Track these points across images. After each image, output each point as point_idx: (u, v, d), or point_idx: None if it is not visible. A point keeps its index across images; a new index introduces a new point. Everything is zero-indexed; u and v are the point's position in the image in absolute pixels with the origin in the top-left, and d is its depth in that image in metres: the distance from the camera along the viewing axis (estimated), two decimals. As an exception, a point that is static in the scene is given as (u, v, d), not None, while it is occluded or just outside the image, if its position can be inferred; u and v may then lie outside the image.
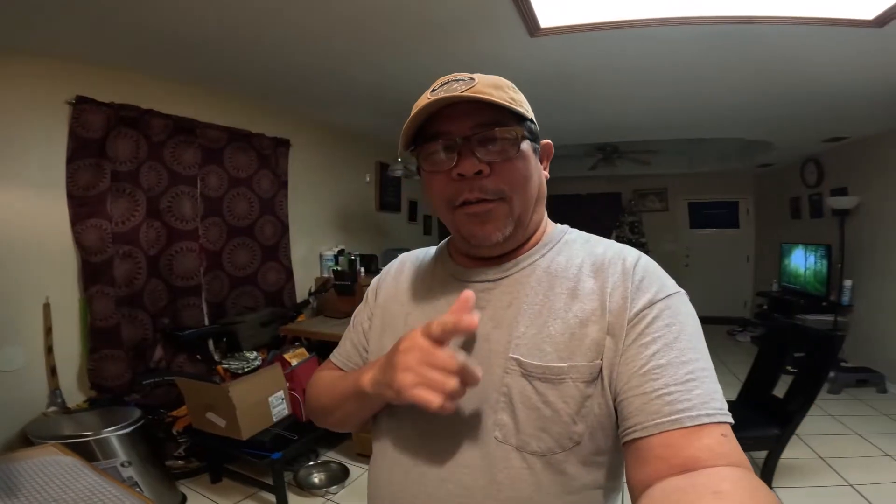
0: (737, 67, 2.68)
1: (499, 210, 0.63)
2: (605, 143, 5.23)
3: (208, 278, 3.09)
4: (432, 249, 0.81)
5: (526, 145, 0.63)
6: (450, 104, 0.61)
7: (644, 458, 0.51)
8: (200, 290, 3.00)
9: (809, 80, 2.83)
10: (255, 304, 3.38)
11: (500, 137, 0.61)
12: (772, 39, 2.30)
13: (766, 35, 2.25)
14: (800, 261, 5.09)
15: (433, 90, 0.63)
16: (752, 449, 2.47)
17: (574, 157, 5.75)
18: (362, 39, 2.34)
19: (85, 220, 2.42)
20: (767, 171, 6.18)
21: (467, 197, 0.62)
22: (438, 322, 0.55)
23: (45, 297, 2.31)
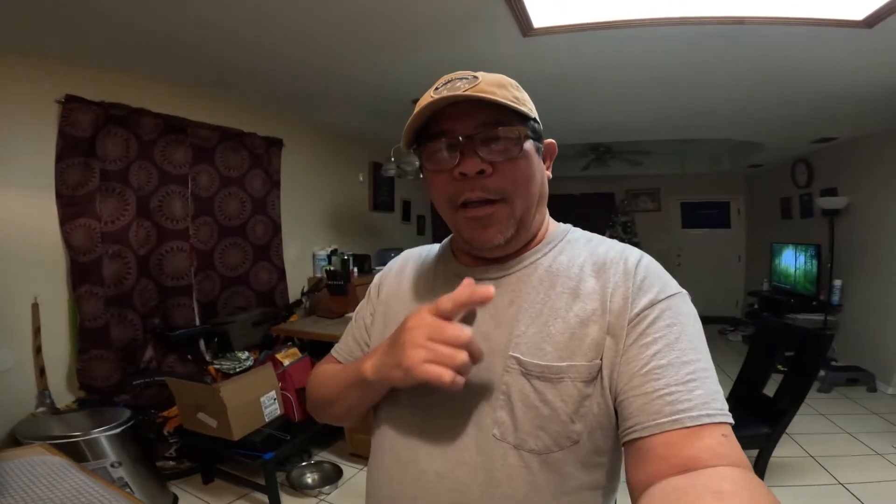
0: (727, 68, 2.70)
1: (500, 212, 0.63)
2: (597, 144, 5.25)
3: (199, 278, 3.07)
4: (435, 247, 0.81)
5: (529, 145, 0.63)
6: (453, 103, 0.60)
7: (644, 457, 0.51)
8: (191, 289, 2.98)
9: (799, 80, 2.85)
10: (247, 304, 3.36)
11: (503, 137, 0.60)
12: (762, 40, 2.32)
13: (757, 36, 2.27)
14: (790, 261, 5.13)
15: (436, 88, 0.62)
16: (743, 448, 2.48)
17: (567, 157, 5.78)
18: (356, 38, 2.34)
19: (74, 220, 2.40)
20: (758, 172, 6.23)
21: (469, 196, 0.62)
22: (448, 297, 0.55)
23: (34, 297, 2.29)
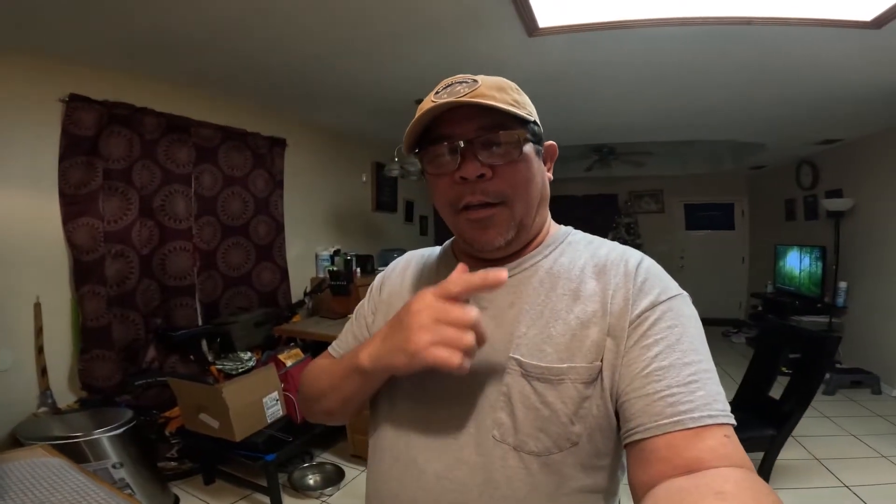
0: (731, 69, 2.68)
1: (500, 215, 0.63)
2: (601, 145, 5.24)
3: (202, 278, 3.07)
4: (437, 249, 0.81)
5: (528, 148, 0.64)
6: (454, 107, 0.61)
7: (647, 459, 0.51)
8: (194, 289, 2.97)
9: (805, 81, 2.84)
10: (250, 305, 3.35)
11: (503, 141, 0.61)
12: (768, 41, 2.30)
13: (763, 36, 2.25)
14: (794, 262, 5.10)
15: (437, 92, 0.63)
16: (748, 450, 2.45)
17: (570, 158, 5.76)
18: (360, 38, 2.33)
19: (76, 219, 2.40)
20: (762, 173, 6.21)
21: (469, 200, 0.62)
22: (457, 279, 0.54)
23: (36, 296, 2.28)
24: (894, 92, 2.91)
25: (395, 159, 3.64)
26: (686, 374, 0.53)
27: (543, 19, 2.15)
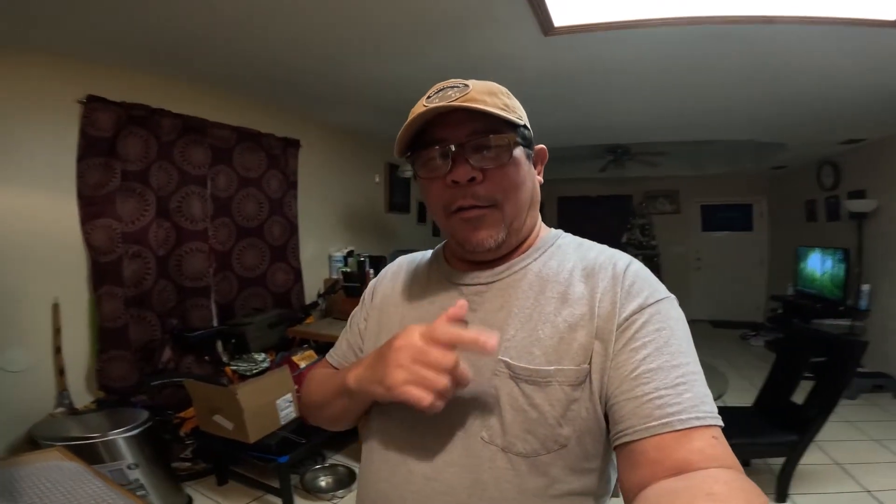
0: (753, 68, 2.63)
1: (491, 216, 0.64)
2: (615, 145, 5.18)
3: (217, 279, 3.08)
4: (429, 253, 0.84)
5: (519, 151, 0.65)
6: (445, 111, 0.62)
7: (637, 461, 0.52)
8: (209, 290, 2.98)
9: (827, 81, 2.78)
10: (264, 306, 3.36)
11: (494, 144, 0.62)
12: (789, 40, 2.26)
13: (784, 35, 2.21)
14: (816, 265, 5.01)
15: (429, 97, 0.65)
16: (769, 455, 2.43)
17: (584, 158, 5.70)
18: (372, 38, 2.32)
19: (94, 220, 2.42)
20: (782, 174, 6.10)
21: (461, 203, 0.64)
22: (447, 330, 0.55)
23: (55, 297, 2.30)
24: (921, 91, 2.83)
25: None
26: (674, 376, 0.54)
27: (559, 18, 2.12)
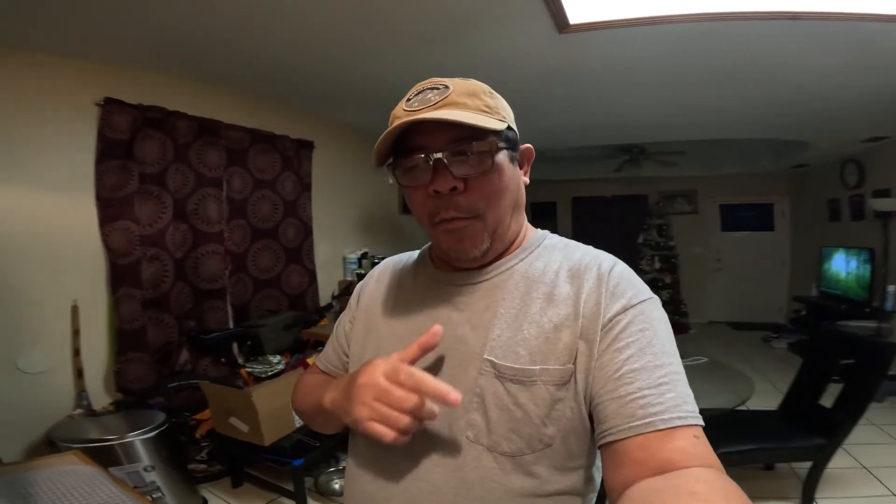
0: (773, 64, 2.57)
1: (474, 227, 0.64)
2: (631, 144, 5.11)
3: (233, 281, 3.09)
4: (415, 254, 0.83)
5: (502, 156, 0.64)
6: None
7: (621, 460, 0.53)
8: (225, 292, 3.00)
9: (850, 77, 2.71)
10: (278, 307, 3.37)
11: (476, 151, 0.61)
12: (812, 37, 2.20)
13: (807, 32, 2.15)
14: (841, 265, 4.88)
15: (408, 99, 0.64)
16: (795, 459, 2.38)
17: (599, 158, 5.64)
18: (384, 38, 2.31)
19: (113, 222, 2.44)
20: (803, 172, 5.96)
21: (443, 216, 0.64)
22: (411, 374, 0.55)
23: (73, 299, 2.33)
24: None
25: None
26: (657, 376, 0.54)
27: (574, 15, 2.08)
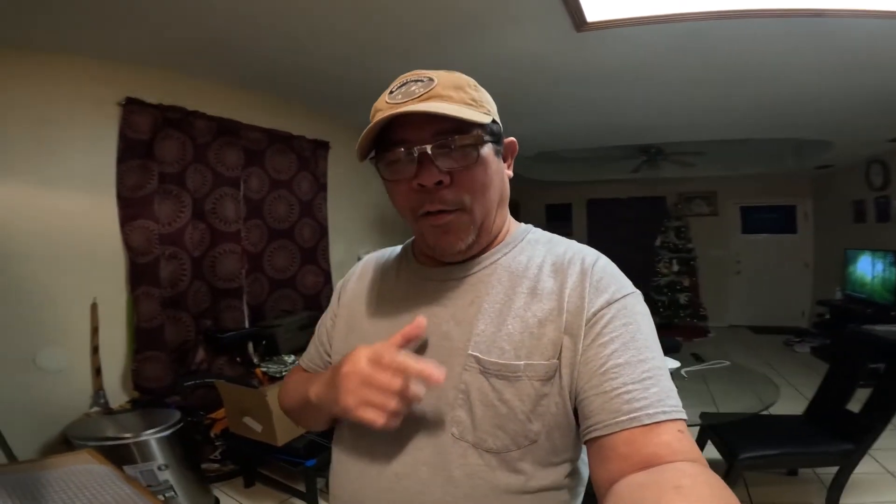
0: (796, 63, 2.51)
1: (459, 220, 0.63)
2: (648, 145, 5.03)
3: (249, 280, 3.11)
4: (397, 249, 0.83)
5: (486, 149, 0.63)
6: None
7: (607, 455, 0.53)
8: (242, 292, 3.02)
9: (877, 76, 2.64)
10: (293, 307, 3.39)
11: (461, 145, 0.60)
12: (838, 35, 2.14)
13: (832, 30, 2.10)
14: (866, 268, 4.75)
15: (391, 92, 0.63)
16: (821, 465, 2.31)
17: (615, 159, 5.56)
18: (400, 36, 2.30)
19: (133, 221, 2.47)
20: (827, 173, 5.81)
21: (429, 209, 0.63)
22: (395, 357, 0.56)
23: (93, 297, 2.36)
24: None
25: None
26: (640, 370, 0.54)
27: (592, 13, 2.05)
